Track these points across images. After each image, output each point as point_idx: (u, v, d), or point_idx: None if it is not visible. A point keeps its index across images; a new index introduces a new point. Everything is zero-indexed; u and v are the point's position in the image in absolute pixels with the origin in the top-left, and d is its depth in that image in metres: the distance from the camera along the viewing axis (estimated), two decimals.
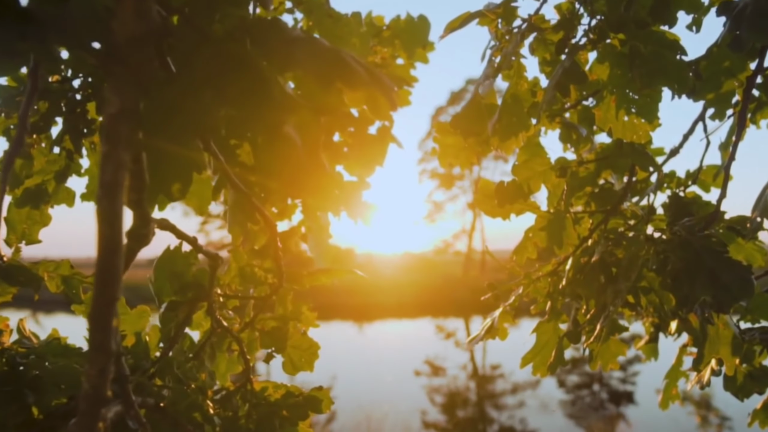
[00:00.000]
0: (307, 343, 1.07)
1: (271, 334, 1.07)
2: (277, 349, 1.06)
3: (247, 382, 1.02)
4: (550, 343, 1.16)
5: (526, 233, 1.18)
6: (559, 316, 1.16)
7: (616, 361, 1.15)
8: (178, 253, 1.00)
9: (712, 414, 9.30)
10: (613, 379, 13.84)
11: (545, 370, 1.18)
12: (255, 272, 1.04)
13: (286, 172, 0.70)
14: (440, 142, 1.26)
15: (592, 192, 1.13)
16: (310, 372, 1.06)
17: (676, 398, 1.44)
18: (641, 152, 1.00)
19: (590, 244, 1.11)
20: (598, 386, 14.39)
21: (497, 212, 1.17)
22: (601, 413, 11.81)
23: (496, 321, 1.16)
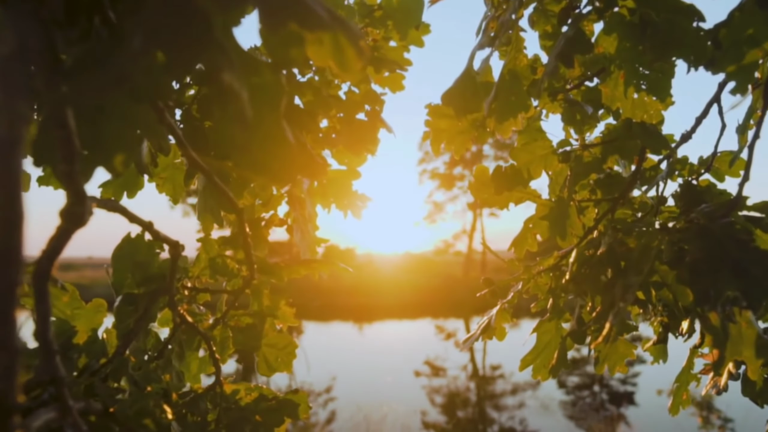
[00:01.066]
0: (283, 341, 0.97)
1: (245, 331, 0.97)
2: (251, 348, 0.96)
3: (216, 384, 0.92)
4: (552, 343, 1.06)
5: (525, 223, 1.08)
6: (561, 314, 1.06)
7: (624, 363, 1.05)
8: (140, 241, 0.91)
9: (714, 415, 9.17)
10: (614, 380, 13.75)
11: (546, 372, 1.08)
12: (227, 263, 0.95)
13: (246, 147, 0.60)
14: (433, 126, 1.17)
15: (598, 179, 1.03)
16: (287, 373, 0.96)
17: (687, 403, 1.34)
18: (653, 132, 0.90)
19: (596, 235, 1.01)
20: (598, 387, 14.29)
21: (494, 201, 1.07)
22: (601, 414, 11.72)
23: (493, 320, 1.07)
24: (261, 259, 0.93)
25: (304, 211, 1.40)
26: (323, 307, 30.77)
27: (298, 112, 1.13)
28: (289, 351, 0.97)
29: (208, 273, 0.96)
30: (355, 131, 1.41)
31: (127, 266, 0.90)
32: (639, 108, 0.94)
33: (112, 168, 0.59)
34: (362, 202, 1.53)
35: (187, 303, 0.98)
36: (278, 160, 0.58)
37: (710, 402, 9.38)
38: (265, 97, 0.59)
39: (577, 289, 0.92)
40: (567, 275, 0.91)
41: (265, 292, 0.97)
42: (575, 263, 0.91)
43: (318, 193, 1.54)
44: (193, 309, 0.98)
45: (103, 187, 1.12)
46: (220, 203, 1.02)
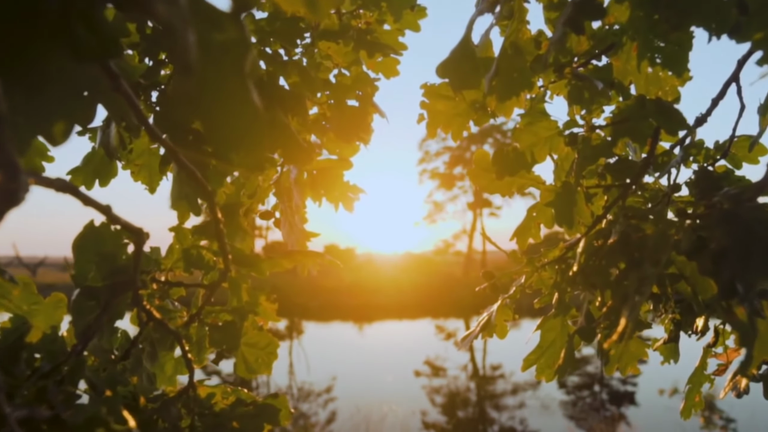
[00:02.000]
0: (264, 340, 0.88)
1: (222, 329, 0.89)
2: (229, 348, 0.88)
3: (189, 387, 0.84)
4: (557, 342, 0.98)
5: (529, 212, 0.99)
6: (567, 310, 0.98)
7: (636, 364, 0.96)
8: (105, 230, 0.82)
9: (716, 415, 9.08)
10: (614, 380, 13.67)
11: (551, 373, 1.00)
12: (202, 255, 0.86)
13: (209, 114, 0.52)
14: (429, 107, 1.08)
15: (608, 164, 0.95)
16: (267, 375, 0.87)
17: (700, 406, 1.26)
18: (669, 110, 0.81)
19: (605, 224, 0.93)
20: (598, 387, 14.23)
21: (495, 187, 0.98)
22: (602, 414, 11.65)
23: (493, 316, 0.98)
24: (238, 250, 0.84)
25: (291, 202, 1.31)
26: (323, 307, 30.72)
27: (284, 94, 1.05)
28: (270, 351, 0.88)
29: (182, 265, 0.88)
30: (347, 118, 1.33)
31: (91, 258, 0.82)
32: (653, 84, 0.86)
33: (51, 137, 0.51)
34: (354, 194, 1.45)
35: (159, 298, 0.89)
36: (247, 132, 0.49)
37: (713, 402, 9.28)
38: (228, 55, 0.50)
39: (585, 283, 0.84)
40: (574, 267, 0.82)
41: (244, 287, 0.89)
42: (583, 254, 0.83)
43: (308, 185, 1.46)
44: (166, 305, 0.90)
45: (72, 174, 1.03)
46: (196, 190, 0.93)
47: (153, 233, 0.78)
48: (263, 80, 1.02)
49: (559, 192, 0.91)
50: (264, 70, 1.07)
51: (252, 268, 0.88)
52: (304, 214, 1.42)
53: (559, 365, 0.85)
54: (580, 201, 0.89)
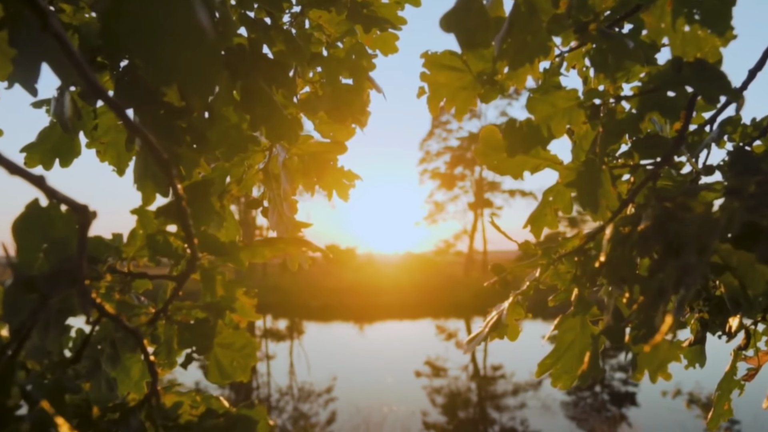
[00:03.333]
0: (241, 340, 0.77)
1: (193, 328, 0.77)
2: (200, 349, 0.76)
3: (152, 395, 0.72)
4: (577, 344, 0.86)
5: (545, 195, 0.87)
6: (588, 308, 0.86)
7: (667, 369, 0.84)
8: (55, 211, 0.70)
9: None
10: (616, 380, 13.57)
11: (569, 379, 0.88)
12: (170, 242, 0.74)
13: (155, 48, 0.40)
14: (430, 79, 0.96)
15: (635, 140, 0.83)
16: (244, 381, 0.76)
17: (729, 415, 1.14)
18: (711, 73, 0.69)
19: (631, 210, 0.81)
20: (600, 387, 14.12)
21: (505, 167, 0.86)
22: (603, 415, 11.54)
23: (504, 315, 0.86)
24: (209, 236, 0.72)
25: (280, 189, 1.19)
26: (323, 307, 30.64)
27: (267, 63, 0.93)
28: (247, 353, 0.76)
29: (146, 254, 0.76)
30: (340, 96, 1.21)
31: (37, 244, 0.70)
32: (691, 45, 0.74)
33: None
34: (349, 181, 1.33)
35: (119, 291, 0.77)
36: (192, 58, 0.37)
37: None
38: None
39: (613, 276, 0.72)
40: (601, 257, 0.70)
41: (218, 279, 0.77)
42: (611, 242, 0.71)
43: (299, 171, 1.34)
44: (128, 299, 0.78)
45: (26, 151, 0.91)
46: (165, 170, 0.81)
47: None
48: (242, 46, 0.90)
49: (581, 171, 0.79)
50: (245, 37, 0.95)
51: (227, 257, 0.76)
52: (294, 204, 1.30)
53: (583, 371, 0.73)
54: (606, 181, 0.77)
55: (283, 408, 12.93)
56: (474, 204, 42.09)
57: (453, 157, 43.59)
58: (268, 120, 0.93)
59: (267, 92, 0.91)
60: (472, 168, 42.93)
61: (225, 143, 1.01)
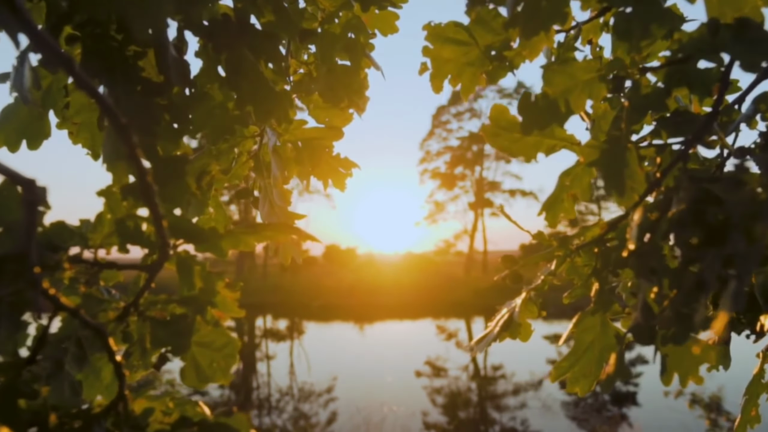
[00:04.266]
0: (221, 339, 0.68)
1: (168, 325, 0.68)
2: (176, 349, 0.68)
3: (119, 400, 0.63)
4: (596, 345, 0.78)
5: (561, 179, 0.78)
6: (609, 304, 0.77)
7: (698, 372, 0.75)
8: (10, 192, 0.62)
9: (723, 418, 8.83)
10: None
11: (588, 383, 0.79)
12: (140, 227, 0.66)
13: None
14: (433, 54, 0.87)
15: (662, 117, 0.74)
16: (224, 384, 0.67)
17: (757, 421, 1.05)
18: (755, 34, 0.60)
19: (658, 193, 0.73)
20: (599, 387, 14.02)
21: (518, 148, 0.77)
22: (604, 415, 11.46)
23: (516, 313, 0.78)
24: (183, 221, 0.64)
25: (268, 177, 1.11)
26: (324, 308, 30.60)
27: (254, 34, 0.84)
28: (228, 353, 0.67)
29: (115, 241, 0.68)
30: (335, 76, 1.12)
31: None
32: (728, 5, 0.65)
33: None
34: (346, 169, 1.24)
35: (85, 284, 0.69)
36: None
37: (719, 404, 9.04)
38: None
39: (641, 267, 0.63)
40: (630, 246, 0.62)
41: (196, 270, 0.69)
42: (640, 228, 0.62)
43: (292, 159, 1.25)
44: (95, 292, 0.69)
45: None
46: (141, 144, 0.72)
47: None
48: (227, 16, 0.82)
49: (605, 150, 0.70)
50: (230, 7, 0.87)
51: (206, 244, 0.68)
52: (287, 194, 1.21)
53: (609, 374, 0.64)
54: (632, 161, 0.68)
55: (283, 408, 12.86)
56: (474, 204, 42.03)
57: (453, 157, 43.54)
58: (255, 96, 0.84)
59: (254, 64, 0.82)
60: (472, 168, 42.87)
61: (209, 124, 0.93)
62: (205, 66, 0.90)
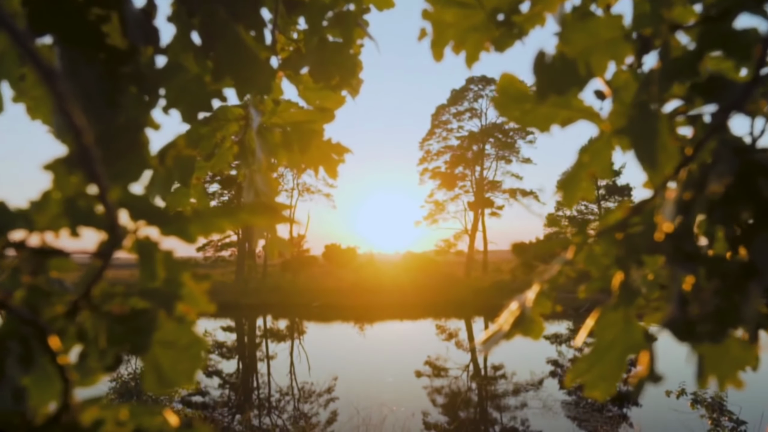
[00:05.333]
0: (186, 337, 0.58)
1: (127, 321, 0.59)
2: (135, 348, 0.58)
3: (63, 410, 0.54)
4: (619, 343, 0.68)
5: (579, 156, 0.68)
6: (633, 298, 0.68)
7: (738, 375, 0.65)
8: None
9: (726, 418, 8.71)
10: None
11: (609, 387, 0.70)
12: (93, 207, 0.56)
13: None
14: (434, 18, 0.78)
15: (696, 83, 0.65)
16: (188, 389, 0.58)
17: None
18: None
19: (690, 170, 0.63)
20: None
21: (530, 119, 0.68)
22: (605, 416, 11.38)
23: (527, 308, 0.68)
24: (140, 199, 0.54)
25: (251, 164, 1.01)
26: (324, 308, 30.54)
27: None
28: (194, 354, 0.58)
29: (65, 223, 0.58)
30: (326, 51, 1.03)
31: None
32: None
33: None
34: (338, 155, 1.15)
35: (30, 273, 0.59)
36: None
37: (722, 404, 8.93)
38: None
39: (677, 252, 0.54)
40: (665, 227, 0.52)
41: (158, 257, 0.59)
42: (677, 205, 0.53)
43: (281, 145, 1.15)
44: (41, 283, 0.60)
45: None
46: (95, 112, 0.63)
47: None
48: None
49: (633, 117, 0.60)
50: None
51: (170, 227, 0.58)
52: (274, 181, 1.12)
53: (641, 377, 0.55)
54: (664, 130, 0.58)
55: (283, 408, 12.79)
56: (474, 204, 41.95)
57: (453, 157, 43.46)
58: (234, 63, 0.74)
59: (232, 27, 0.73)
60: (472, 167, 42.80)
61: (184, 100, 0.83)
62: (178, 33, 0.80)
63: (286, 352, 19.26)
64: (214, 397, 13.52)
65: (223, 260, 44.16)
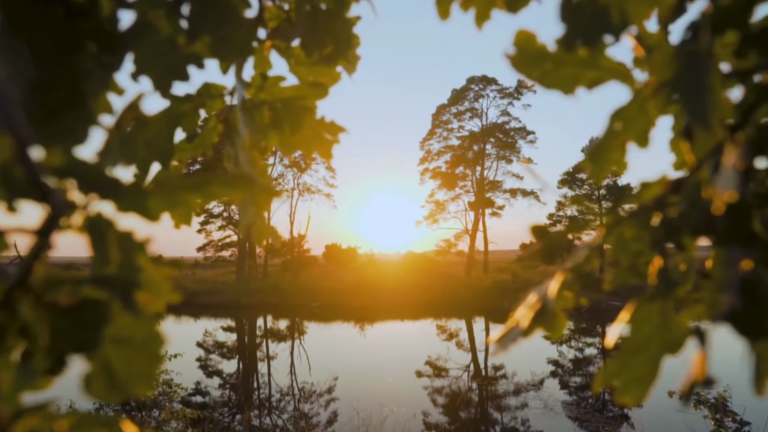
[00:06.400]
0: (143, 331, 0.48)
1: (74, 314, 0.49)
2: (83, 345, 0.48)
3: None
4: (655, 341, 0.58)
5: (610, 122, 0.58)
6: (672, 288, 0.58)
7: None
8: None
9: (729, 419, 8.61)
10: None
11: (642, 392, 0.60)
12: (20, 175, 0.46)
13: None
14: None
15: (749, 35, 0.55)
16: (144, 395, 0.48)
17: None
18: None
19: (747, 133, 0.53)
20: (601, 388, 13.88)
21: (552, 80, 0.58)
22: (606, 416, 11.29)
23: (548, 300, 0.58)
24: (85, 165, 0.44)
25: (236, 140, 0.91)
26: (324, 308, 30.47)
27: None
28: (152, 351, 0.47)
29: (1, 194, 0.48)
30: (319, 18, 0.93)
31: None
32: None
33: None
34: (332, 135, 1.05)
35: None
36: None
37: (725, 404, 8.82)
38: None
39: (734, 231, 0.44)
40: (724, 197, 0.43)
41: (111, 237, 0.49)
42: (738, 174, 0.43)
43: (270, 125, 1.05)
44: None
45: None
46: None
47: None
48: None
49: (682, 66, 0.49)
50: None
51: (126, 202, 0.48)
52: (261, 162, 1.02)
53: (695, 380, 0.45)
54: (716, 85, 0.48)
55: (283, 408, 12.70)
56: (475, 203, 41.86)
57: (454, 157, 43.37)
58: (208, 18, 0.65)
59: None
60: (473, 167, 42.71)
61: (155, 65, 0.73)
62: None
63: (286, 352, 19.18)
64: (214, 397, 13.43)
65: (224, 260, 44.06)
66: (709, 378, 0.46)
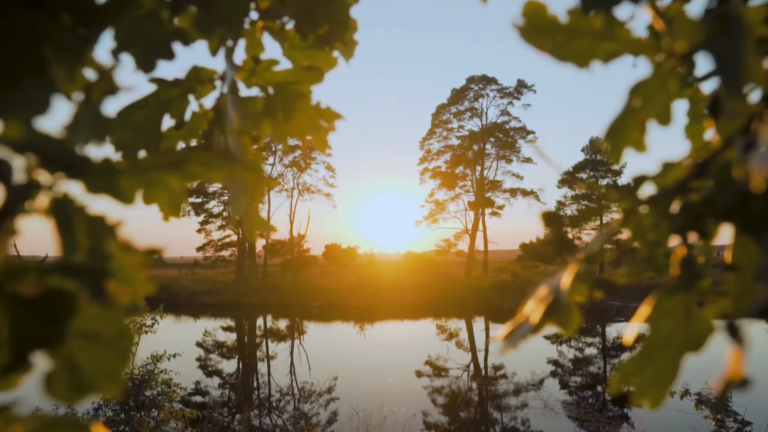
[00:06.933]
0: (112, 326, 0.43)
1: (38, 306, 0.44)
2: (46, 341, 0.43)
3: None
4: (676, 339, 0.53)
5: (630, 98, 0.52)
6: (696, 280, 0.53)
7: None
8: None
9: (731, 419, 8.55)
10: None
11: (661, 393, 0.55)
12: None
13: None
14: None
15: None
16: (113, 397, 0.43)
17: None
18: None
19: None
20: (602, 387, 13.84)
21: (566, 52, 0.53)
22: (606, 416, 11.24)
23: (561, 293, 0.53)
24: (51, 142, 0.39)
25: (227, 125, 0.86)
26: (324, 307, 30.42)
27: None
28: (121, 348, 0.42)
29: None
30: (312, 3, 0.88)
31: None
32: None
33: None
34: (328, 122, 1.00)
35: None
36: None
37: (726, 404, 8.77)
38: None
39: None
40: (762, 174, 0.38)
41: (79, 222, 0.44)
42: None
43: (263, 112, 1.00)
44: None
45: None
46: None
47: None
48: None
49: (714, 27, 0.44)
50: None
51: (97, 183, 0.43)
52: (248, 146, 0.96)
53: (731, 380, 0.40)
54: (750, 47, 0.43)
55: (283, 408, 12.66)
56: (475, 203, 41.80)
57: (454, 156, 43.31)
58: None
59: None
60: (473, 167, 42.65)
61: (137, 41, 0.68)
62: None
63: (286, 352, 19.13)
64: (213, 396, 13.38)
65: (223, 260, 44.00)
66: (746, 379, 0.41)
